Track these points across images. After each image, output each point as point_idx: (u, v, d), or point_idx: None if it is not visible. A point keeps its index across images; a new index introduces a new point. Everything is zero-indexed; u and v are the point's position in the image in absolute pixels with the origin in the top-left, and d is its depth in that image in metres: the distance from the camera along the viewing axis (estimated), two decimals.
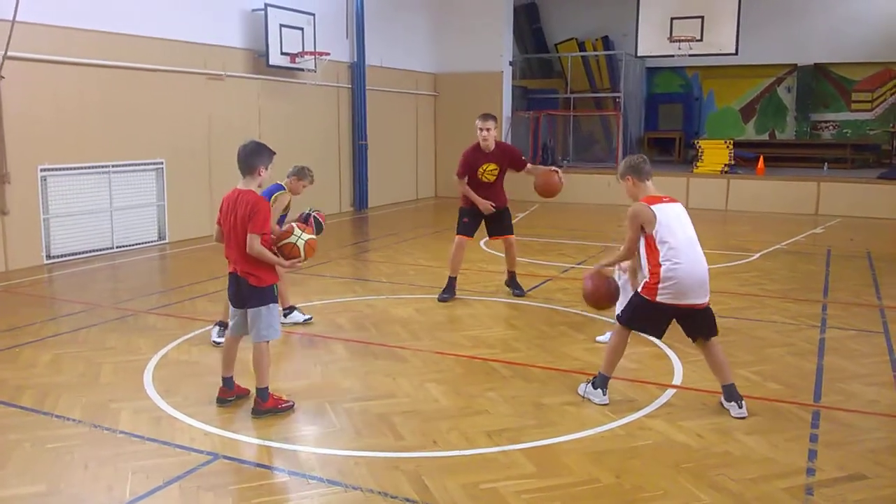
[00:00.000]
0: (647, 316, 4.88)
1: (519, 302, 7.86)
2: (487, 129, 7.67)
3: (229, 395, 4.98)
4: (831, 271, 9.62)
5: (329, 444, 4.42)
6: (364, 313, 7.40)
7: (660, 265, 4.73)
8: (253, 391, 4.87)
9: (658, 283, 4.73)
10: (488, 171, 7.80)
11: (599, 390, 5.00)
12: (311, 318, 6.96)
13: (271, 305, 4.77)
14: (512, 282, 8.20)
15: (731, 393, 4.85)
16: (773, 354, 6.12)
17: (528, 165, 7.96)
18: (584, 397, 5.05)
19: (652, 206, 4.83)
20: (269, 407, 4.74)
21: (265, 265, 4.71)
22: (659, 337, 5.10)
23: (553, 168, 7.87)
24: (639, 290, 4.93)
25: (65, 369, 5.72)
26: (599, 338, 6.44)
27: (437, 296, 7.89)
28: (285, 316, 6.71)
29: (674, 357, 5.95)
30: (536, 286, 8.50)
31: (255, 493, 3.83)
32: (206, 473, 4.02)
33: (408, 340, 6.49)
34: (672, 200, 4.99)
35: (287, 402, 4.85)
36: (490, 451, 4.28)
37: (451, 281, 7.92)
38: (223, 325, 6.31)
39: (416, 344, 6.38)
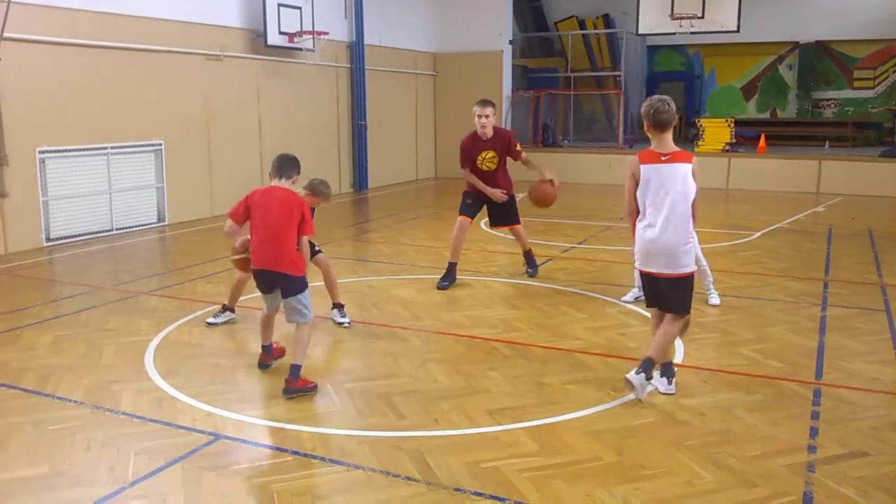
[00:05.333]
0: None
1: (519, 282, 7.85)
2: (486, 116, 7.43)
3: (267, 359, 5.22)
4: (832, 249, 9.60)
5: (331, 423, 4.42)
6: (364, 294, 7.39)
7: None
8: (289, 352, 5.11)
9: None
10: (487, 159, 7.58)
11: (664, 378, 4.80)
12: (347, 324, 6.38)
13: (305, 292, 4.91)
14: (528, 257, 8.11)
15: (647, 366, 4.58)
16: (775, 332, 6.11)
17: (523, 156, 7.72)
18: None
19: (641, 165, 4.63)
20: (300, 386, 4.74)
21: (300, 258, 4.89)
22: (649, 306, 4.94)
23: (549, 178, 7.67)
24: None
25: (66, 351, 5.72)
26: (624, 297, 6.88)
27: (437, 278, 7.85)
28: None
29: None
30: (538, 266, 8.48)
31: (256, 474, 3.83)
32: (207, 454, 4.02)
33: (408, 320, 6.48)
34: (672, 160, 4.61)
35: (312, 383, 4.84)
36: (492, 430, 4.28)
37: (451, 267, 7.65)
38: (225, 309, 6.35)
39: (417, 324, 6.38)
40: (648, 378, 4.59)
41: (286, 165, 5.01)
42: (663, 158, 4.59)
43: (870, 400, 4.77)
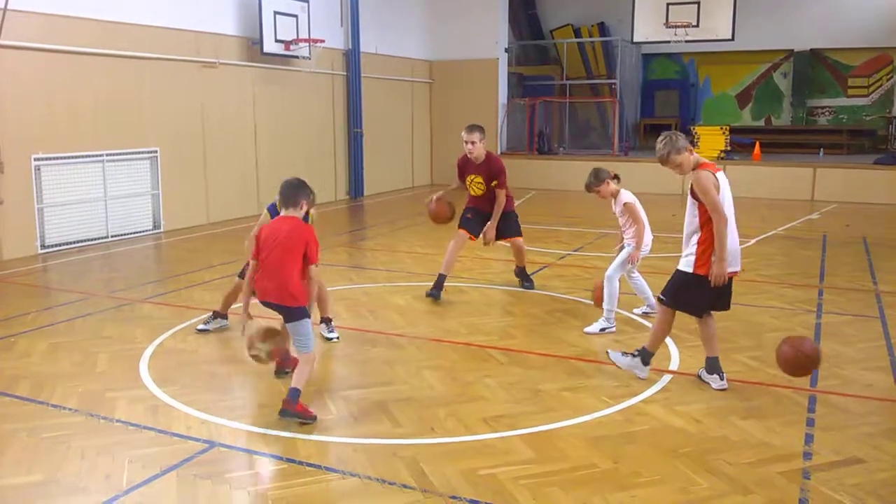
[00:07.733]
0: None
1: (515, 289, 7.85)
2: (472, 143, 7.31)
3: (286, 365, 5.21)
4: (827, 256, 9.63)
5: (327, 431, 4.42)
6: (360, 301, 7.38)
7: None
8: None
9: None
10: (475, 182, 7.53)
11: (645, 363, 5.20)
12: (336, 338, 6.19)
13: (305, 321, 4.64)
14: (521, 273, 7.92)
15: (713, 366, 5.06)
16: (771, 339, 6.10)
17: (498, 191, 7.46)
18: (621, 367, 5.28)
19: (716, 174, 5.05)
20: (298, 411, 4.57)
21: (301, 291, 4.63)
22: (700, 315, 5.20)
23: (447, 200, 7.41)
24: (689, 267, 5.10)
25: (61, 359, 5.70)
26: (587, 329, 6.38)
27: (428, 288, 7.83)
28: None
29: (670, 343, 5.95)
30: (533, 273, 8.48)
31: (251, 481, 3.83)
32: (202, 461, 4.01)
33: (404, 328, 6.48)
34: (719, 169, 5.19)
35: (312, 414, 4.66)
36: (488, 438, 4.28)
37: (441, 279, 7.41)
38: (216, 316, 6.35)
39: (413, 331, 6.38)
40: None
41: (292, 193, 4.74)
42: (718, 167, 5.12)
43: (865, 407, 4.78)
